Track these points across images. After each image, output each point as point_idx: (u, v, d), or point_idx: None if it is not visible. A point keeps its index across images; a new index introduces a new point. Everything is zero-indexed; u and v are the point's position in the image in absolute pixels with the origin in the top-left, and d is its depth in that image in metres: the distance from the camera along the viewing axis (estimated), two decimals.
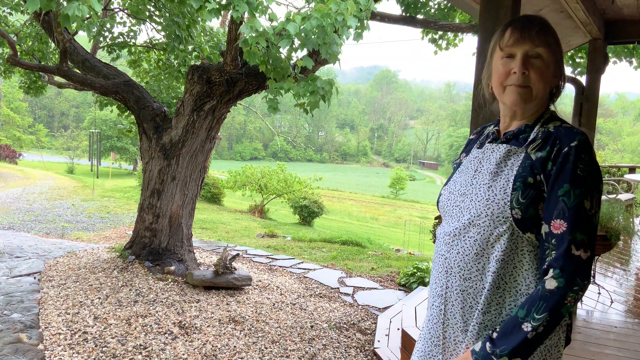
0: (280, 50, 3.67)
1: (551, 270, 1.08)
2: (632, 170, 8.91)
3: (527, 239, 1.16)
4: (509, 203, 1.16)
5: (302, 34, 3.38)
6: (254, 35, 3.32)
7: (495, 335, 1.13)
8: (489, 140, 1.33)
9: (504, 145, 1.25)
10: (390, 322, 4.15)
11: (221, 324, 3.86)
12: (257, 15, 3.38)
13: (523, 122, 1.26)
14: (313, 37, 3.39)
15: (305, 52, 3.76)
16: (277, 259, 6.85)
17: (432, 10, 6.82)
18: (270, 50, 3.58)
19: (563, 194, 1.10)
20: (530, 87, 1.21)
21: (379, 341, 3.83)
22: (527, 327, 1.08)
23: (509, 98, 1.23)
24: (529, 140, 1.21)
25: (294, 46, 3.55)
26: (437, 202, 1.40)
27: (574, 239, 1.07)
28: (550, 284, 1.07)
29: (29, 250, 5.97)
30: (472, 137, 1.46)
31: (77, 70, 5.59)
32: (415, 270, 5.70)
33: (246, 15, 3.38)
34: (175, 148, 5.06)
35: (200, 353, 3.34)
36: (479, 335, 1.20)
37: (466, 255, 1.22)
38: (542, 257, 1.13)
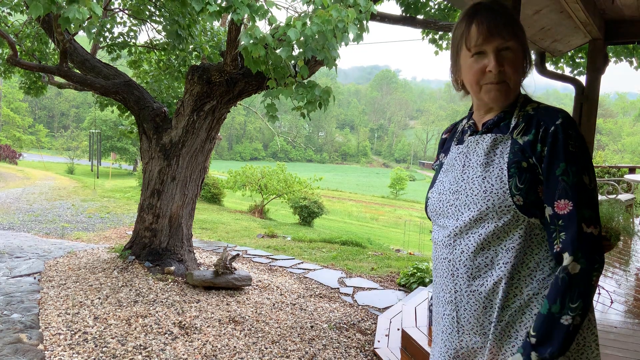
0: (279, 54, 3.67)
1: (568, 254, 1.06)
2: (632, 170, 8.91)
3: (533, 223, 1.13)
4: (508, 191, 1.13)
5: (302, 39, 3.38)
6: (253, 42, 3.31)
7: (534, 340, 1.07)
8: (468, 134, 1.30)
9: (489, 135, 1.23)
10: (390, 322, 4.15)
11: (221, 324, 3.86)
12: (257, 19, 3.38)
13: (500, 110, 1.24)
14: (312, 41, 3.39)
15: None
16: (277, 259, 6.85)
17: (432, 11, 6.82)
18: (269, 55, 3.59)
19: (561, 173, 1.09)
20: (507, 81, 1.19)
21: (379, 341, 3.83)
22: (567, 320, 1.04)
23: (488, 96, 1.21)
24: (512, 125, 1.19)
25: (293, 53, 3.55)
26: (426, 207, 1.35)
27: (582, 217, 1.06)
28: (574, 267, 1.05)
29: (29, 250, 5.97)
30: (444, 136, 1.44)
31: (77, 71, 5.59)
32: (415, 271, 5.70)
33: (246, 17, 3.38)
34: (175, 148, 5.06)
35: (200, 353, 3.34)
36: (502, 334, 1.15)
37: (472, 253, 1.17)
38: (550, 240, 1.11)
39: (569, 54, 6.78)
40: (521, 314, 1.14)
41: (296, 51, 3.59)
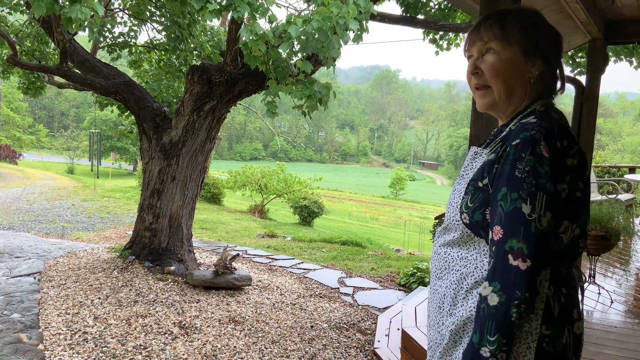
0: (280, 51, 3.68)
1: (488, 282, 1.01)
2: (632, 170, 8.91)
3: (482, 242, 1.13)
4: (459, 207, 1.15)
5: (303, 37, 3.38)
6: (253, 38, 3.32)
7: None
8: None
9: (473, 147, 1.23)
10: (390, 322, 4.15)
11: (221, 324, 3.86)
12: (257, 16, 3.38)
13: (506, 119, 1.21)
14: (312, 39, 3.40)
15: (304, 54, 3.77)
16: (277, 259, 6.85)
17: (433, 11, 6.82)
18: (270, 52, 3.59)
19: (501, 198, 1.02)
20: (490, 86, 1.16)
21: (379, 341, 3.83)
22: (485, 352, 0.99)
23: (477, 103, 1.21)
24: (494, 141, 1.16)
25: (294, 49, 3.56)
26: None
27: (510, 248, 0.99)
28: (493, 299, 0.99)
29: (29, 250, 5.97)
30: None
31: (77, 71, 5.59)
32: (415, 271, 5.70)
33: (246, 16, 3.38)
34: (175, 148, 5.06)
35: (200, 353, 3.34)
36: (451, 341, 1.17)
37: (437, 254, 1.24)
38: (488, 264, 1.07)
39: (569, 53, 6.78)
40: (463, 324, 1.14)
41: (296, 48, 3.59)
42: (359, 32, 3.63)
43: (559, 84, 1.20)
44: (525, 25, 1.15)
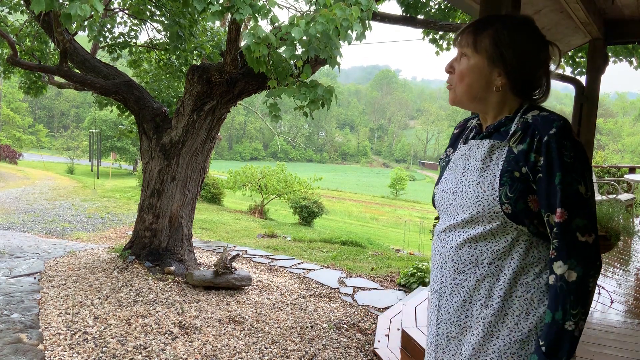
0: (282, 54, 3.68)
1: (562, 262, 1.10)
2: (632, 170, 8.91)
3: (521, 230, 1.18)
4: (497, 199, 1.18)
5: (305, 38, 3.38)
6: (255, 41, 3.31)
7: (544, 349, 1.12)
8: (472, 135, 1.35)
9: (487, 140, 1.27)
10: (390, 322, 4.15)
11: (221, 324, 3.86)
12: (259, 18, 3.38)
13: (501, 115, 1.27)
14: (315, 41, 3.39)
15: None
16: (277, 259, 6.85)
17: (433, 11, 6.82)
18: (272, 54, 3.59)
19: (558, 182, 1.11)
20: (454, 87, 1.27)
21: (379, 341, 3.83)
22: (570, 326, 1.09)
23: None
24: (511, 133, 1.22)
25: (296, 53, 3.55)
26: (433, 201, 1.42)
27: (577, 227, 1.10)
28: (571, 275, 1.09)
29: (29, 250, 5.97)
30: (456, 131, 1.47)
31: (77, 71, 5.59)
32: (415, 271, 5.70)
33: (248, 17, 3.38)
34: (175, 148, 5.06)
35: (200, 353, 3.34)
36: (485, 333, 1.20)
37: (459, 249, 1.24)
38: (550, 247, 1.16)
39: (569, 53, 6.78)
40: (503, 315, 1.20)
41: (299, 50, 3.59)
42: (362, 30, 3.63)
43: (539, 92, 1.27)
44: (499, 38, 1.22)
